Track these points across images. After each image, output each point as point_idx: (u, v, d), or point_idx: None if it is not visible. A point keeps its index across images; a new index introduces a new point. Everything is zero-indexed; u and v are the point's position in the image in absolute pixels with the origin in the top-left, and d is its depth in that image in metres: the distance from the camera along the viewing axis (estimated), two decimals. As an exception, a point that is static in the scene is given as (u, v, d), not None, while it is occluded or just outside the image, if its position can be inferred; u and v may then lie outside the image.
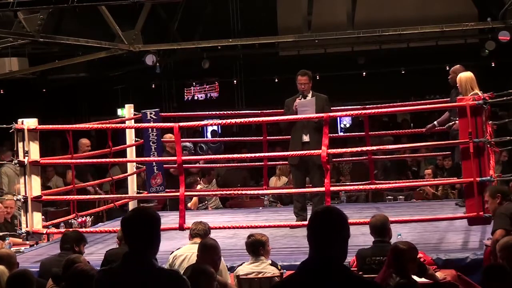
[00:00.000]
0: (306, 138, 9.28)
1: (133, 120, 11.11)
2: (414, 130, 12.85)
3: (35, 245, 9.04)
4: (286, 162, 10.31)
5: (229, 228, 8.75)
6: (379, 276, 5.87)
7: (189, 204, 11.32)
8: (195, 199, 11.66)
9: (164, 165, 10.94)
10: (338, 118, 18.00)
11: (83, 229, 9.35)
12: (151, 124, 10.64)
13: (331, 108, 9.49)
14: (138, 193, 11.20)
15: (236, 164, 12.57)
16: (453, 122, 9.15)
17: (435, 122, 9.76)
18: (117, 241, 7.40)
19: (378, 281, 5.73)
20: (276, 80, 18.14)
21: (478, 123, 8.10)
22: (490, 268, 5.65)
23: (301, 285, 3.41)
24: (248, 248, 6.85)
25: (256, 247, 6.79)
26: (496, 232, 6.88)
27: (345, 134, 16.92)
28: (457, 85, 9.02)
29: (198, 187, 11.77)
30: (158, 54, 14.86)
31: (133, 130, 11.18)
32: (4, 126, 8.98)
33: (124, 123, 11.23)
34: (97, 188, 11.93)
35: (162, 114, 11.43)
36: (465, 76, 9.00)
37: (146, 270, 3.86)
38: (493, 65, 16.87)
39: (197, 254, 6.24)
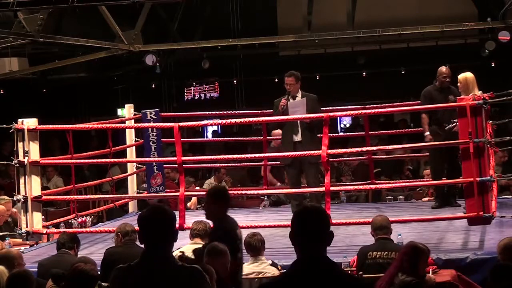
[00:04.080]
0: (297, 137, 9.27)
1: (133, 120, 11.12)
2: (412, 130, 12.84)
3: (35, 245, 9.03)
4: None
5: (229, 228, 8.73)
6: (388, 273, 5.88)
7: (188, 204, 11.32)
8: (194, 199, 11.65)
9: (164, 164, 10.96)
10: (338, 118, 18.00)
11: (83, 229, 9.38)
12: (151, 124, 10.64)
13: (320, 108, 9.51)
14: (138, 193, 11.21)
15: (236, 164, 12.56)
16: (454, 124, 9.15)
17: None
18: (116, 238, 7.32)
19: (386, 278, 5.76)
20: (276, 80, 18.04)
21: (478, 123, 8.11)
22: (497, 267, 5.64)
23: (291, 284, 3.46)
24: (248, 248, 6.85)
25: (257, 247, 6.79)
26: None
27: (345, 134, 16.90)
28: (459, 84, 9.18)
29: (205, 185, 11.79)
30: (158, 54, 14.84)
31: (133, 130, 11.20)
32: (4, 126, 8.98)
33: (124, 123, 11.24)
34: None
35: (162, 114, 11.44)
36: (471, 76, 9.14)
37: (167, 267, 3.83)
38: (493, 65, 16.84)
39: (205, 259, 6.15)
